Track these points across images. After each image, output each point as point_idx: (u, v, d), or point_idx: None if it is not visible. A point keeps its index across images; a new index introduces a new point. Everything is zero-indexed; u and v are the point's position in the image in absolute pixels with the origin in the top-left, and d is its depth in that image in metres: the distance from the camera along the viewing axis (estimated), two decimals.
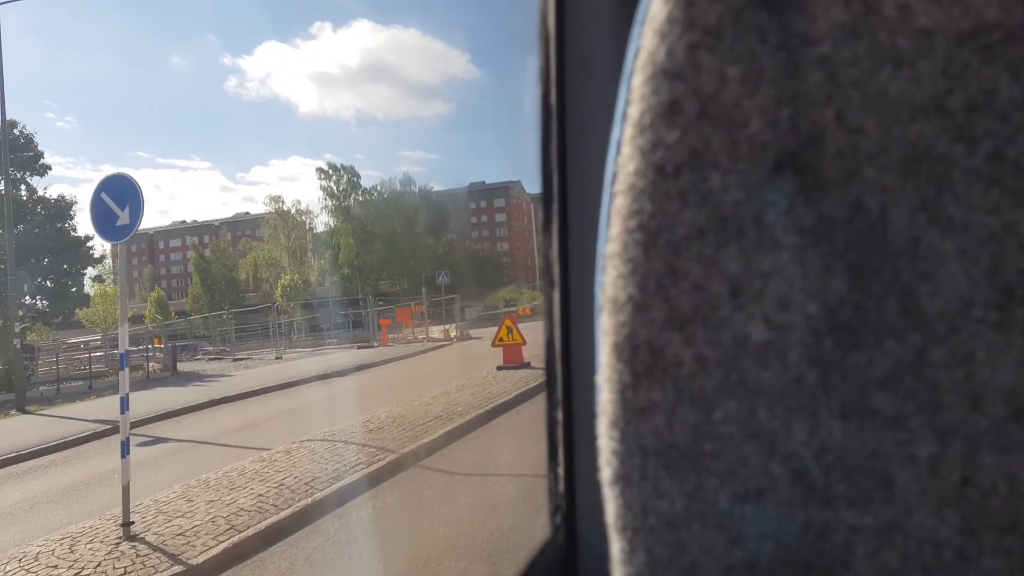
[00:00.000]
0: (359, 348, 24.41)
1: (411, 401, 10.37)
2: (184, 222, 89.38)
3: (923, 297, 0.23)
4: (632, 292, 0.26)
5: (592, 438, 0.29)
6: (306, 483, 6.52)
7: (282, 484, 6.53)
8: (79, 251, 25.84)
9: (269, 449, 8.18)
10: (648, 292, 0.26)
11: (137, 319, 53.82)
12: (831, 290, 0.24)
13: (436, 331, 27.62)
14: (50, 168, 26.75)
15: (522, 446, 7.63)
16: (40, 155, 25.62)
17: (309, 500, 6.02)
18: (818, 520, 0.24)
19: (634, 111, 0.27)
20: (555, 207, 0.73)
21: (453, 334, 26.01)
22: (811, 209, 0.24)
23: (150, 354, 23.42)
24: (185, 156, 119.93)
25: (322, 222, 56.35)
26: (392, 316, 29.64)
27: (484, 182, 74.00)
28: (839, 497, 0.24)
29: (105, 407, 13.56)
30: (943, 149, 0.22)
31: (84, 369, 23.14)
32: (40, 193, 24.31)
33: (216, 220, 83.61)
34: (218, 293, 57.79)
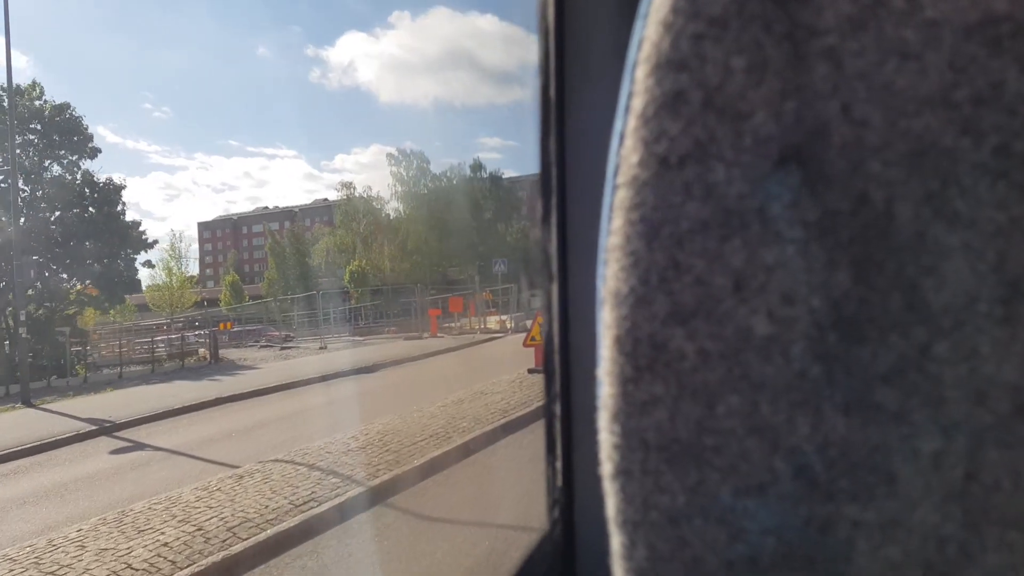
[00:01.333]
0: (406, 339, 23.43)
1: (415, 411, 9.10)
2: (266, 208, 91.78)
3: (928, 291, 0.23)
4: (634, 285, 0.26)
5: (591, 432, 0.29)
6: (230, 528, 5.23)
7: (201, 529, 5.28)
8: (127, 235, 25.84)
9: (237, 468, 7.02)
10: (650, 285, 0.26)
11: (212, 302, 55.16)
12: (835, 284, 0.23)
13: (494, 321, 26.45)
14: (100, 151, 26.91)
15: (523, 482, 6.13)
16: (90, 138, 25.57)
17: (218, 557, 4.69)
18: (821, 515, 0.24)
19: (638, 102, 0.26)
20: (554, 200, 0.72)
21: (509, 325, 24.73)
22: (816, 202, 0.23)
23: (200, 340, 23.26)
24: (272, 144, 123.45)
25: (392, 208, 56.10)
26: (448, 305, 28.63)
27: None
28: (842, 492, 0.24)
29: (118, 401, 12.96)
30: (949, 142, 0.22)
31: (147, 353, 23.15)
32: (93, 177, 24.27)
33: (296, 206, 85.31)
34: (292, 278, 58.61)
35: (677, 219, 0.25)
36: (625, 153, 0.27)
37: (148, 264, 26.65)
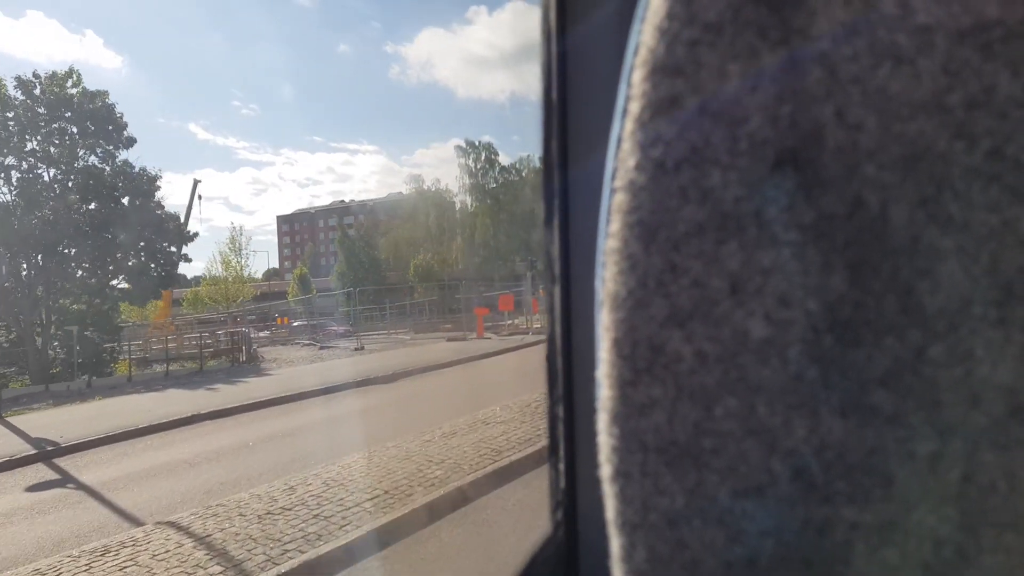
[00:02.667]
0: (449, 341, 21.75)
1: (391, 447, 7.23)
2: (342, 202, 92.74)
3: (923, 294, 0.23)
4: (632, 288, 0.26)
5: (593, 434, 0.29)
6: None
7: None
8: (162, 228, 25.01)
9: (143, 525, 5.52)
10: (648, 288, 0.26)
11: (280, 295, 55.46)
12: (831, 287, 0.24)
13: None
14: (135, 140, 25.48)
15: None
16: (124, 126, 24.77)
17: None
18: (818, 517, 0.24)
19: (634, 107, 0.26)
20: (556, 203, 0.72)
21: None
22: (811, 206, 0.24)
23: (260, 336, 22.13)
24: (355, 140, 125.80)
25: (460, 201, 54.96)
26: (534, 302, 26.86)
27: None
28: (839, 494, 0.24)
29: (91, 415, 11.84)
30: (943, 146, 0.22)
31: (196, 349, 22.44)
32: (130, 167, 23.25)
33: (370, 200, 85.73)
34: (361, 271, 58.38)
35: (674, 222, 0.25)
36: (622, 157, 0.27)
37: (185, 258, 25.71)
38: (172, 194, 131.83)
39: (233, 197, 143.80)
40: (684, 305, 0.25)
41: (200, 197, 50.76)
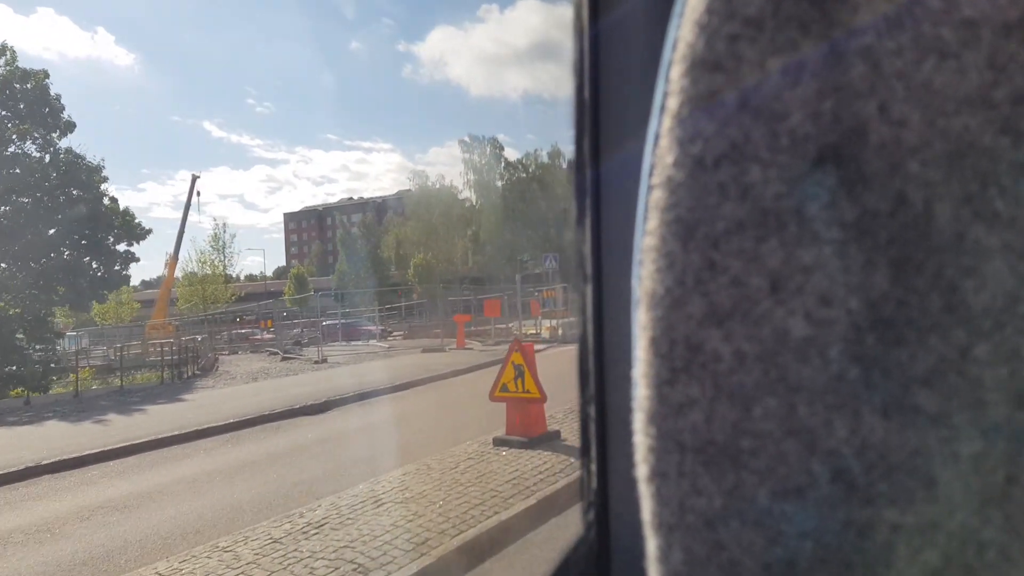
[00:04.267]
0: (424, 352, 19.36)
1: (224, 550, 4.82)
2: (351, 199, 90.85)
3: (967, 293, 0.22)
4: (670, 286, 0.26)
5: (625, 434, 0.29)
6: None
7: None
8: (102, 222, 22.33)
9: None
10: (686, 286, 0.26)
11: (276, 294, 53.46)
12: (873, 285, 0.23)
13: (545, 326, 22.13)
14: (75, 126, 23.41)
15: None
16: (61, 109, 22.11)
17: None
18: (859, 519, 0.24)
19: (673, 103, 0.26)
20: (588, 202, 0.72)
21: (560, 331, 20.31)
22: (853, 203, 0.23)
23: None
24: (369, 138, 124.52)
25: (465, 198, 52.66)
26: (534, 304, 24.44)
27: None
28: (880, 495, 0.24)
29: None
30: (988, 142, 0.22)
31: (168, 357, 20.26)
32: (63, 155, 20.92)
33: (379, 197, 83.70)
34: (363, 270, 56.25)
35: (713, 220, 0.25)
36: (660, 154, 0.26)
37: (132, 257, 23.19)
38: (183, 193, 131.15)
39: (248, 195, 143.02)
40: (723, 303, 0.25)
41: (199, 193, 48.71)
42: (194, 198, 48.54)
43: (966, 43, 0.22)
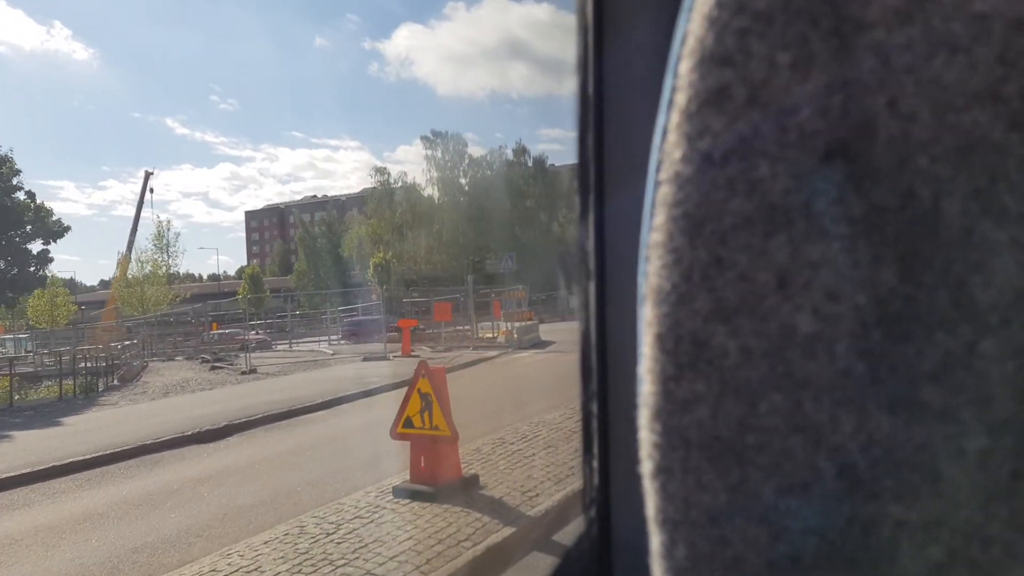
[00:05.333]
0: (364, 360, 17.90)
1: None
2: (315, 197, 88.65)
3: (975, 288, 0.22)
4: (676, 282, 0.26)
5: (627, 431, 0.29)
6: None
7: None
8: (13, 219, 20.41)
9: None
10: (693, 282, 0.26)
11: (230, 295, 51.38)
12: (881, 281, 0.23)
13: (502, 330, 20.85)
14: None
15: None
16: None
17: None
18: (864, 514, 0.24)
19: (681, 98, 0.26)
20: (591, 197, 0.72)
21: (515, 336, 19.03)
22: (862, 198, 0.23)
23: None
24: (336, 136, 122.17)
25: (427, 195, 51.10)
26: (492, 306, 23.06)
27: None
28: (886, 491, 0.24)
29: None
30: (998, 137, 0.22)
31: (91, 364, 18.47)
32: None
33: (342, 195, 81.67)
34: (323, 270, 54.33)
35: (720, 215, 0.25)
36: (668, 149, 0.26)
37: (47, 257, 21.50)
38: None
39: (212, 193, 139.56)
40: (730, 299, 0.25)
41: (152, 190, 46.41)
42: (148, 195, 46.25)
43: (977, 38, 0.22)
